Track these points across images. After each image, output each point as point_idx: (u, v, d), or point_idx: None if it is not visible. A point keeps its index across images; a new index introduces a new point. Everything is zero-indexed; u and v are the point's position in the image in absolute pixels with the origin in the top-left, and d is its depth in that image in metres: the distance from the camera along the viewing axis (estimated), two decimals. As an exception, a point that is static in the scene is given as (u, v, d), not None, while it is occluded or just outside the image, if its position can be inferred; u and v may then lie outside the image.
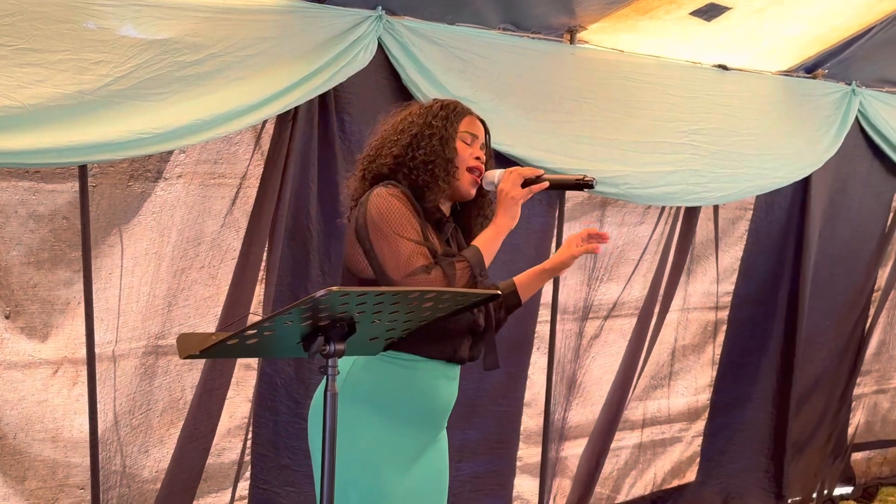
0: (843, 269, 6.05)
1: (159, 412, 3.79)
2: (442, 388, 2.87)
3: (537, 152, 4.37)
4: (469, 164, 2.89)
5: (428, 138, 2.85)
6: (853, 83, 5.57)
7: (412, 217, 2.76)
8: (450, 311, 2.47)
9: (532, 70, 4.38)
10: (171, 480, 3.71)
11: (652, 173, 4.74)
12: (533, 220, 4.59)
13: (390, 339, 2.49)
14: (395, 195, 2.77)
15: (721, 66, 5.06)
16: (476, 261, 2.73)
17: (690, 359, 5.60)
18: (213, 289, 3.85)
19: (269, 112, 3.63)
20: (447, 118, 2.89)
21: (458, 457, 4.51)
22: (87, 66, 3.20)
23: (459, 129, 2.90)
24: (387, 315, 2.30)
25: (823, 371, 6.13)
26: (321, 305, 2.09)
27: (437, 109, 2.92)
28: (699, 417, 5.69)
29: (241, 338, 2.11)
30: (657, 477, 5.54)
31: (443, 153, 2.84)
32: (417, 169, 2.83)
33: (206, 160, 3.76)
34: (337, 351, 2.23)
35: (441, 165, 2.83)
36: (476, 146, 2.92)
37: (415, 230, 2.73)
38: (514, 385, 4.74)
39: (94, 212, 3.50)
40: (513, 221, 2.84)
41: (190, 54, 3.41)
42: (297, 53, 3.66)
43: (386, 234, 2.72)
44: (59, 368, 3.53)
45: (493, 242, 2.82)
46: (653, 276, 5.23)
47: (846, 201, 5.94)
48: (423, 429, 2.87)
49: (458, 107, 2.95)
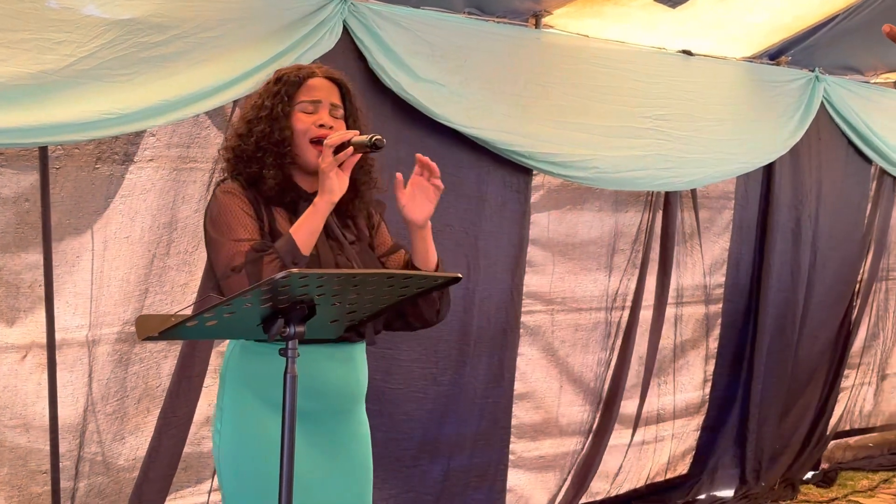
0: (832, 260, 6.12)
1: (136, 399, 3.77)
2: (330, 370, 2.71)
3: (504, 135, 4.39)
4: (311, 136, 2.72)
5: (258, 122, 2.72)
6: (816, 70, 5.62)
7: (241, 214, 2.63)
8: (411, 295, 2.48)
9: (498, 54, 4.39)
10: (148, 468, 3.69)
11: (619, 158, 4.76)
12: (506, 206, 4.61)
13: (352, 321, 2.51)
14: (228, 191, 2.68)
15: (686, 52, 5.09)
16: (286, 249, 2.56)
17: (689, 354, 5.64)
18: (187, 275, 3.83)
19: (234, 94, 3.61)
20: (278, 93, 2.73)
21: (448, 451, 4.55)
22: (50, 45, 3.17)
23: (297, 100, 2.74)
24: (347, 297, 2.31)
25: (818, 363, 6.22)
26: (281, 287, 2.09)
27: (272, 85, 2.77)
28: (698, 413, 5.72)
29: (201, 319, 2.11)
30: (651, 470, 5.56)
31: (272, 135, 2.71)
32: (251, 158, 2.71)
33: (178, 144, 3.75)
34: (297, 333, 2.24)
35: (270, 150, 2.71)
36: (322, 112, 2.75)
37: (241, 227, 2.61)
38: (500, 378, 4.73)
39: (58, 194, 3.48)
40: (330, 195, 2.60)
41: (154, 35, 3.38)
42: (261, 35, 3.65)
43: (212, 239, 2.63)
44: (27, 353, 3.51)
45: (308, 222, 2.61)
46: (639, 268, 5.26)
47: (827, 190, 5.99)
48: (319, 414, 2.70)
49: (294, 75, 2.78)
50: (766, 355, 5.76)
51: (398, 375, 4.32)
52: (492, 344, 4.66)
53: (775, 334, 5.79)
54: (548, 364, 5.01)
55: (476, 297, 4.53)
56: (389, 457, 4.32)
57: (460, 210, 4.42)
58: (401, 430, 4.39)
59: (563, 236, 4.97)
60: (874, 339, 6.72)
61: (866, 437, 6.87)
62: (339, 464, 2.77)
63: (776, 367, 5.83)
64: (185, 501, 3.92)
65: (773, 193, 5.65)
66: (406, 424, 4.40)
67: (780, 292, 5.76)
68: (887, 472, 6.49)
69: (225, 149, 2.82)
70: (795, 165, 5.75)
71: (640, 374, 5.32)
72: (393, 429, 4.33)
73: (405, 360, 4.35)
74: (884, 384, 6.87)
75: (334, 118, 2.78)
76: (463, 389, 4.57)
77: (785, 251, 5.76)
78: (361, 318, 2.51)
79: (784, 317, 5.81)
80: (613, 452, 5.31)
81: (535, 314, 4.92)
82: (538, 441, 5.01)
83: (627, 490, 5.46)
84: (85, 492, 3.67)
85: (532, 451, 4.99)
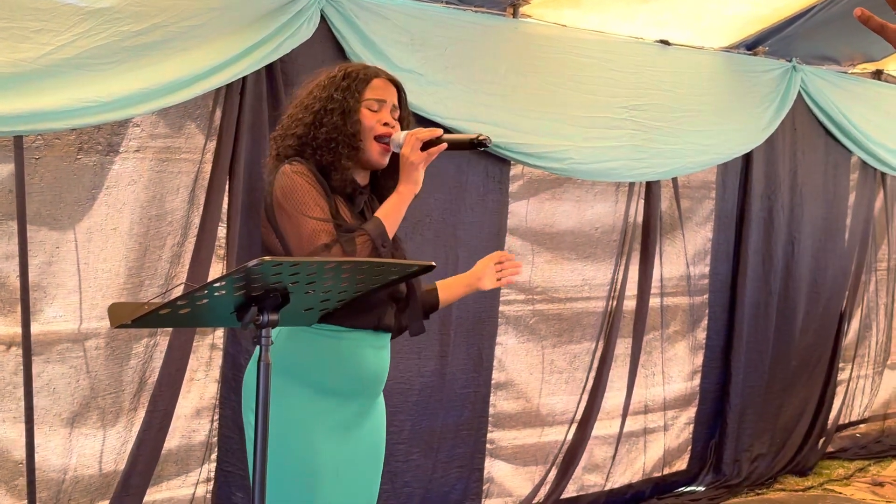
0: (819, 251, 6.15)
1: (131, 394, 3.78)
2: (369, 357, 2.85)
3: (482, 126, 4.37)
4: (376, 133, 2.83)
5: (329, 114, 2.79)
6: (794, 60, 5.64)
7: (316, 194, 2.72)
8: (384, 283, 2.49)
9: (476, 44, 4.40)
10: (134, 461, 3.70)
11: (594, 148, 4.78)
12: (487, 197, 4.63)
13: (325, 309, 2.52)
14: (300, 172, 2.74)
15: (663, 42, 5.11)
16: (377, 232, 2.69)
17: (676, 345, 5.65)
18: (178, 266, 3.83)
19: (214, 82, 3.63)
20: (348, 88, 2.82)
21: (430, 442, 4.57)
22: (27, 34, 3.17)
23: (364, 98, 2.83)
24: (321, 286, 2.32)
25: (810, 355, 6.26)
26: (254, 275, 2.09)
27: (339, 80, 2.84)
28: (690, 404, 5.75)
29: (174, 307, 2.11)
30: (647, 465, 5.57)
31: (345, 128, 2.78)
32: (321, 148, 2.78)
33: (161, 134, 3.75)
34: (270, 321, 2.24)
35: (344, 142, 2.78)
36: (384, 111, 2.86)
37: (319, 207, 2.70)
38: (479, 367, 4.75)
39: (37, 184, 3.48)
40: (416, 186, 2.77)
41: (133, 24, 3.39)
42: (240, 24, 3.66)
43: (289, 214, 2.71)
44: (10, 345, 3.50)
45: (396, 211, 2.76)
46: (625, 258, 5.27)
47: (805, 180, 6.01)
48: (353, 399, 2.85)
49: (362, 72, 2.88)
50: (745, 347, 5.80)
51: (385, 368, 4.34)
52: (470, 334, 4.68)
53: (751, 325, 5.82)
54: (527, 354, 5.02)
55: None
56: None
57: (440, 200, 4.44)
58: (391, 422, 4.40)
59: (543, 226, 4.98)
60: (867, 330, 6.76)
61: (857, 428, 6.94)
62: (360, 447, 2.88)
63: (755, 357, 5.87)
64: (173, 493, 3.93)
65: (749, 183, 5.68)
66: (395, 416, 4.41)
67: (755, 282, 5.80)
68: (863, 460, 6.53)
69: (285, 136, 2.85)
70: (770, 155, 5.77)
71: (625, 364, 5.34)
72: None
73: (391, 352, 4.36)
74: (879, 377, 6.92)
75: (394, 118, 2.88)
76: (445, 380, 4.60)
77: (758, 241, 5.79)
78: (335, 307, 2.53)
79: (757, 307, 5.84)
80: (601, 444, 5.32)
81: (514, 304, 4.93)
82: (518, 430, 5.03)
83: (622, 485, 5.46)
84: (72, 483, 3.68)
85: (512, 441, 5.00)
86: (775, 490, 5.90)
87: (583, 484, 5.28)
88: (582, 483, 5.27)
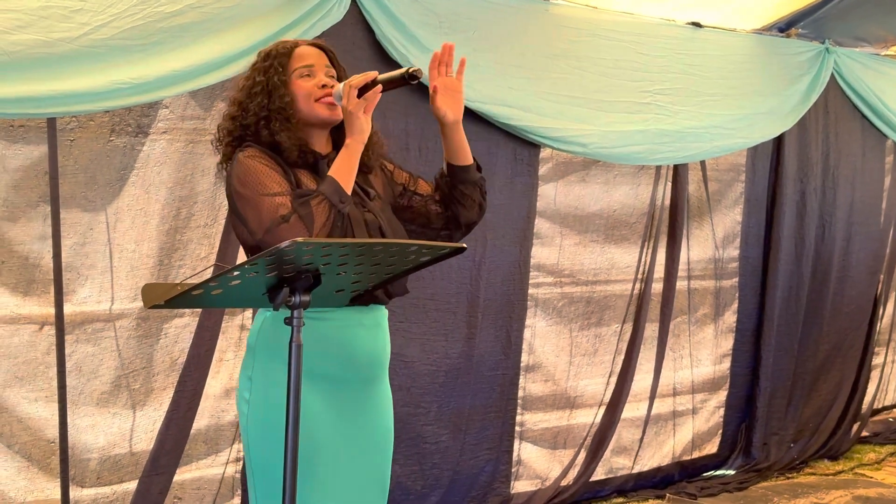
0: (854, 234, 6.12)
1: (160, 373, 3.81)
2: (359, 337, 2.76)
3: (510, 109, 4.40)
4: (316, 96, 2.77)
5: (252, 97, 2.77)
6: (827, 42, 5.60)
7: (272, 171, 2.67)
8: (417, 265, 2.48)
9: (506, 26, 4.39)
10: (163, 440, 3.74)
11: (619, 132, 4.76)
12: (516, 180, 4.62)
13: (356, 291, 2.53)
14: (251, 156, 2.70)
15: (694, 24, 5.07)
16: (331, 190, 2.61)
17: (705, 329, 5.64)
18: (207, 248, 3.85)
19: (246, 64, 3.61)
20: (271, 67, 2.78)
21: (458, 423, 4.58)
22: (67, 13, 3.19)
23: (292, 69, 2.79)
24: (352, 267, 2.33)
25: (843, 339, 6.23)
26: (286, 256, 2.11)
27: (260, 62, 2.83)
28: (720, 388, 5.74)
29: (206, 288, 2.13)
30: (676, 448, 5.57)
31: (271, 104, 2.75)
32: (256, 132, 2.75)
33: (192, 116, 3.76)
34: (302, 302, 2.25)
35: (273, 117, 2.74)
36: (319, 74, 2.80)
37: (274, 183, 2.65)
38: (507, 350, 4.75)
39: (71, 166, 3.51)
40: (361, 135, 2.68)
41: (168, 5, 3.41)
42: (272, 6, 3.67)
43: (247, 198, 2.65)
44: (43, 325, 3.54)
45: (347, 164, 2.67)
46: (652, 241, 5.25)
47: (839, 164, 5.97)
48: (349, 381, 2.77)
49: (281, 47, 2.84)
50: (775, 330, 5.77)
51: (411, 349, 4.36)
52: (499, 316, 4.68)
53: (783, 309, 5.80)
54: (557, 336, 5.03)
55: (483, 269, 4.55)
56: (409, 432, 4.36)
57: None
58: (417, 403, 4.43)
59: (571, 209, 4.97)
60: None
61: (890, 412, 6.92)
62: (363, 432, 2.81)
63: (785, 341, 5.84)
64: (202, 473, 3.96)
65: (781, 166, 5.65)
66: (422, 398, 4.44)
67: (787, 265, 5.76)
68: (895, 444, 6.51)
69: (220, 130, 2.84)
70: (802, 138, 5.73)
71: (653, 347, 5.33)
72: (410, 402, 4.37)
73: (416, 334, 4.38)
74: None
75: (331, 78, 2.83)
76: (472, 362, 4.60)
77: (791, 225, 5.76)
78: (366, 288, 2.53)
79: (789, 290, 5.81)
80: (630, 427, 5.32)
81: (543, 286, 4.93)
82: (548, 413, 5.04)
83: (651, 468, 5.46)
84: (101, 462, 3.72)
85: (541, 423, 5.01)
86: (805, 474, 5.88)
87: (611, 466, 5.28)
88: (611, 465, 5.28)
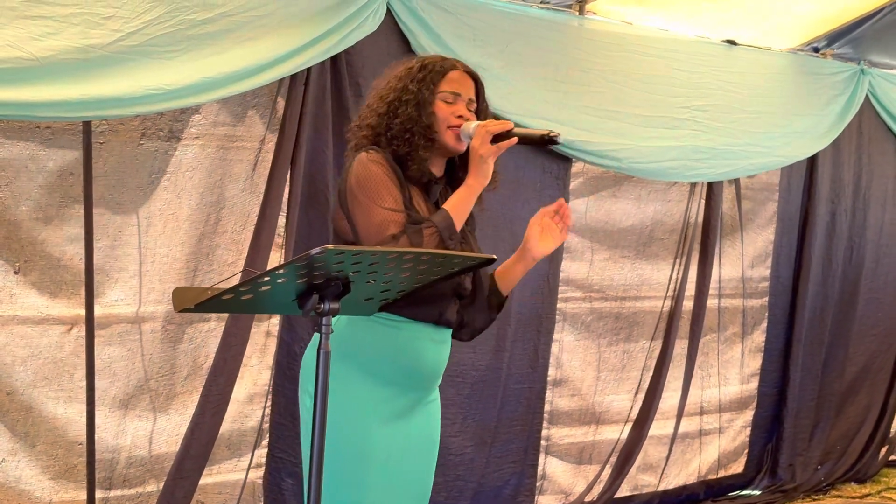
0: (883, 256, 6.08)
1: (183, 377, 3.82)
2: (427, 350, 2.83)
3: (544, 122, 4.38)
4: (450, 124, 2.80)
5: (404, 105, 2.78)
6: (862, 63, 5.57)
7: (390, 183, 2.71)
8: (445, 275, 2.48)
9: (540, 40, 4.40)
10: (188, 444, 3.74)
11: (653, 148, 4.75)
12: (545, 192, 4.60)
13: (385, 300, 2.51)
14: (375, 161, 2.74)
15: (729, 42, 5.06)
16: (444, 224, 2.67)
17: (734, 348, 5.60)
18: (235, 253, 3.86)
19: (278, 73, 3.66)
20: (424, 80, 2.81)
21: (483, 436, 4.57)
22: (98, 20, 3.21)
23: (439, 90, 2.82)
24: (382, 276, 2.32)
25: (872, 361, 6.18)
26: (316, 263, 2.10)
27: (416, 71, 2.84)
28: (747, 407, 5.70)
29: (237, 293, 2.13)
30: (702, 467, 5.54)
31: (419, 120, 2.78)
32: (396, 138, 2.78)
33: (223, 122, 3.78)
34: (331, 309, 2.24)
35: (419, 133, 2.77)
36: (460, 104, 2.83)
37: (391, 197, 2.70)
38: (535, 364, 4.74)
39: (102, 169, 3.52)
40: (485, 179, 2.74)
41: (200, 12, 3.43)
42: (306, 15, 3.68)
43: (361, 202, 2.70)
44: (72, 327, 3.55)
45: (463, 203, 2.74)
46: (684, 258, 5.23)
47: (872, 185, 5.93)
48: (409, 389, 2.84)
49: (439, 64, 2.86)
50: (803, 351, 5.73)
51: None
52: (527, 330, 4.67)
53: (809, 330, 5.76)
54: (585, 351, 5.01)
55: (512, 282, 4.53)
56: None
57: (498, 194, 4.40)
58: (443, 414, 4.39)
59: (602, 224, 4.96)
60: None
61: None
62: (411, 441, 2.86)
63: (810, 362, 5.80)
64: (224, 477, 3.96)
65: (814, 186, 5.62)
66: (448, 409, 4.42)
67: (816, 286, 5.73)
68: (923, 469, 6.45)
69: (361, 126, 2.87)
70: (836, 159, 5.70)
71: (681, 365, 5.30)
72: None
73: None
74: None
75: (469, 111, 2.86)
76: (499, 375, 4.59)
77: (821, 245, 5.73)
78: (395, 297, 2.53)
79: (814, 311, 5.78)
80: (656, 444, 5.29)
81: (572, 301, 4.91)
82: (574, 428, 5.02)
83: (677, 486, 5.43)
84: (125, 464, 3.72)
85: (567, 438, 4.99)
86: (832, 496, 5.84)
87: (636, 484, 5.25)
88: (636, 483, 5.24)
